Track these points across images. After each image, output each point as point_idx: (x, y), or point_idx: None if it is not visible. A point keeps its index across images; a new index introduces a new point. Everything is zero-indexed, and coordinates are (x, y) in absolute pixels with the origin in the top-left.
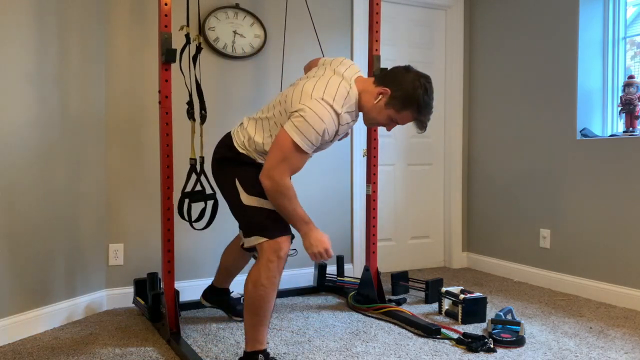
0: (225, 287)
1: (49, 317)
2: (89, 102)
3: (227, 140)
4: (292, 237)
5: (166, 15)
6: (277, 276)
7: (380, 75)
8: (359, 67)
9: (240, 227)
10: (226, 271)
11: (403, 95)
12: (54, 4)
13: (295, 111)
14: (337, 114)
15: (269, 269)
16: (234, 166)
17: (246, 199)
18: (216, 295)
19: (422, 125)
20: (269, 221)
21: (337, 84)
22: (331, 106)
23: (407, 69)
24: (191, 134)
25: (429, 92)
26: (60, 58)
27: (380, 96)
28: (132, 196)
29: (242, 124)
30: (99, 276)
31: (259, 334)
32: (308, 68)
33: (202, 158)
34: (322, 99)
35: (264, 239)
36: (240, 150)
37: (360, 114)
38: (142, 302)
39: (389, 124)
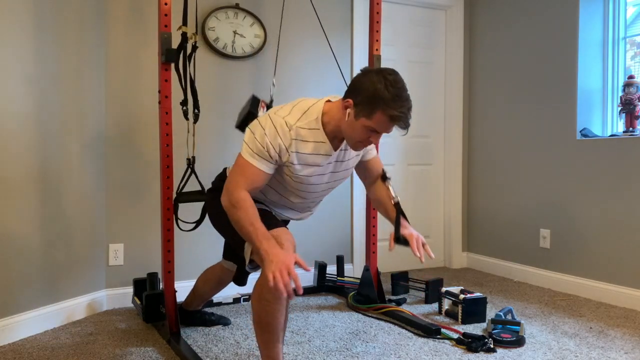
0: (197, 309)
1: (49, 317)
2: (88, 101)
3: (221, 174)
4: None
5: (166, 15)
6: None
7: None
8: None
9: (236, 249)
10: (201, 297)
11: (364, 98)
12: (52, 4)
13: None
14: (289, 126)
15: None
16: None
17: None
18: (189, 317)
19: (402, 124)
20: (262, 219)
21: (298, 101)
22: (282, 118)
23: (364, 72)
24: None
25: (393, 83)
26: (58, 58)
27: (348, 110)
28: (132, 196)
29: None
30: (99, 276)
31: (272, 352)
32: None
33: (193, 158)
34: (275, 113)
35: None
36: None
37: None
38: (139, 303)
39: (371, 135)
